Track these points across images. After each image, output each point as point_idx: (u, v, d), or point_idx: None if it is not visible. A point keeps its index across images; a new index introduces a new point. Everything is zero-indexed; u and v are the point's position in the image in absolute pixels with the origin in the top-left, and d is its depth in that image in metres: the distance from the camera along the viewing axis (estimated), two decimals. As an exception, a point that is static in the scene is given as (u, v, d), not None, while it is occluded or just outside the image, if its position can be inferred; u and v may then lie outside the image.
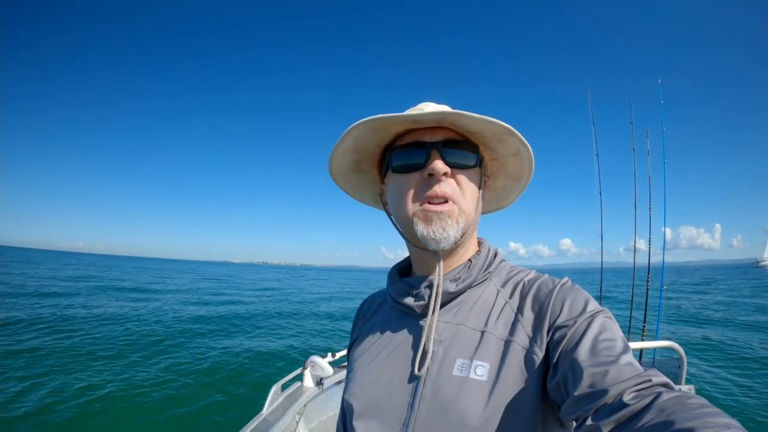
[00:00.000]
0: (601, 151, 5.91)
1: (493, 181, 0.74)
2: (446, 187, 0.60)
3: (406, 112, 0.63)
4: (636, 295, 5.30)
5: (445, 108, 0.64)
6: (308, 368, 2.60)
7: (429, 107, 0.64)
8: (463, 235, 0.62)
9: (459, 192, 0.61)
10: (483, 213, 0.78)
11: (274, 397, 2.33)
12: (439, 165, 0.59)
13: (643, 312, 4.96)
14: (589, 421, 0.42)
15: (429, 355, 0.58)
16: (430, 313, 0.61)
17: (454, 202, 0.60)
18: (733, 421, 0.35)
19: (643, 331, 4.97)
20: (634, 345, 2.65)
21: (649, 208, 4.97)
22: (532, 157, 0.65)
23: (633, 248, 5.45)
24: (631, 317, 5.21)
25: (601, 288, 5.86)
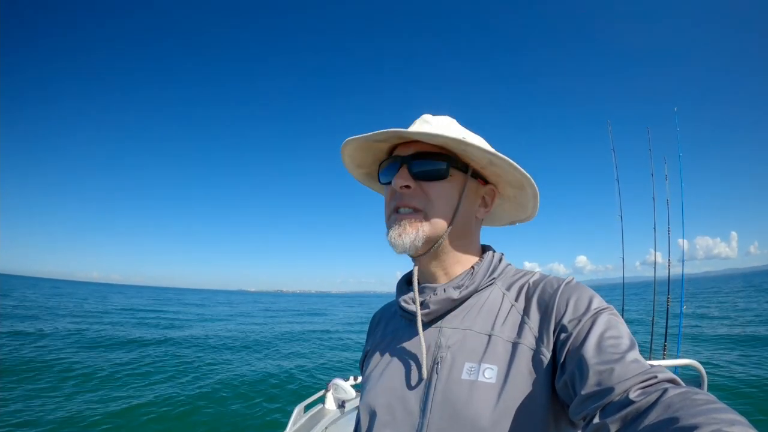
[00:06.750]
0: (615, 176, 5.84)
1: (502, 189, 0.72)
2: (409, 198, 0.63)
3: (411, 126, 0.67)
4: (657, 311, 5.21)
5: (431, 124, 0.65)
6: (331, 390, 2.62)
7: (426, 118, 0.67)
8: (430, 242, 0.63)
9: (426, 201, 0.63)
10: (510, 223, 0.81)
11: (297, 418, 2.36)
12: (398, 179, 0.63)
13: (664, 329, 4.87)
14: (596, 420, 0.43)
15: (425, 368, 0.59)
16: (418, 323, 0.62)
17: (419, 211, 0.63)
18: (740, 418, 0.34)
19: (664, 349, 4.86)
20: (653, 363, 2.61)
21: (668, 231, 4.95)
22: (511, 161, 0.63)
23: (650, 262, 5.39)
24: (652, 335, 5.11)
25: (623, 308, 5.76)
